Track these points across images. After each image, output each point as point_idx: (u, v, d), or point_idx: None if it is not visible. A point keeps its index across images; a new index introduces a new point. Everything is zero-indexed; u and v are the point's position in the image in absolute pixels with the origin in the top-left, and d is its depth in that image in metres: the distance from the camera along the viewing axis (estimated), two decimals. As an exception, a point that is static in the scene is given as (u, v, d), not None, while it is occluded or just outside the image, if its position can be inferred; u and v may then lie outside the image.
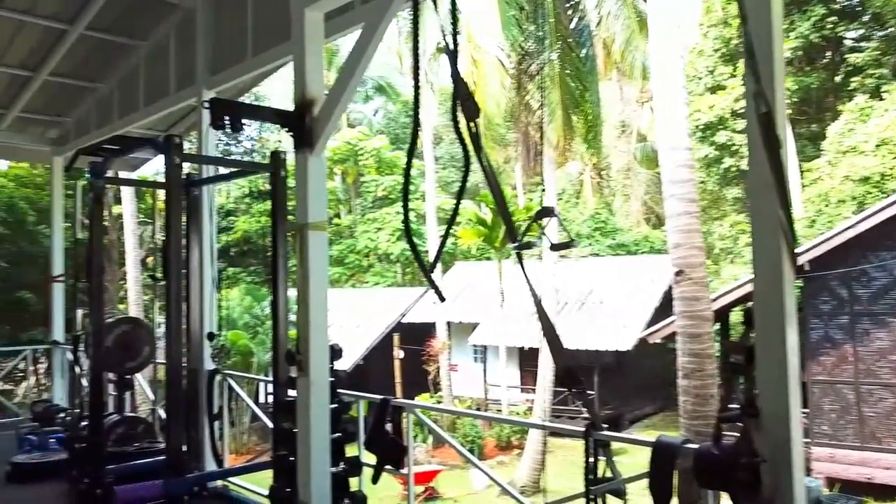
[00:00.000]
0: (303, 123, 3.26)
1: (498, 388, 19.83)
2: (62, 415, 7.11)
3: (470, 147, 2.85)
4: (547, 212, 2.31)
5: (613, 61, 15.08)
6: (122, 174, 9.59)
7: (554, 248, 2.43)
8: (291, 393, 4.04)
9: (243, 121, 3.24)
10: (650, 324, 18.17)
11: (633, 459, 7.88)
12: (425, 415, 4.66)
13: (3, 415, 9.01)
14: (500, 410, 18.86)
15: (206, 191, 5.38)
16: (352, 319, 21.87)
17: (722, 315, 13.54)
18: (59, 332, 8.25)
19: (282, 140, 27.05)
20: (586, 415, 16.84)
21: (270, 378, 5.52)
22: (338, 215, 29.07)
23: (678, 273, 9.18)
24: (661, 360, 20.86)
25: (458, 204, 2.80)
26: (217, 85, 5.54)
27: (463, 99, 2.84)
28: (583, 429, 3.18)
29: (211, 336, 5.29)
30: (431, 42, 18.25)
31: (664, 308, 18.58)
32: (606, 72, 16.85)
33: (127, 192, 20.25)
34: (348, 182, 29.97)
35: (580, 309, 20.59)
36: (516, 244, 2.39)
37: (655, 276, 20.41)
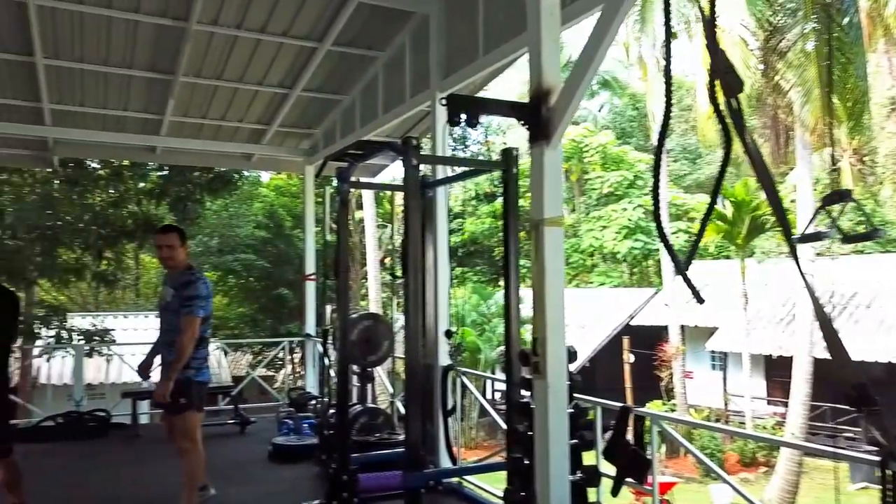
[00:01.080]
0: (539, 115, 3.10)
1: (740, 398, 18.20)
2: (313, 402, 7.75)
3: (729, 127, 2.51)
4: (840, 195, 1.88)
5: (884, 27, 13.02)
6: (364, 180, 10.27)
7: (848, 240, 1.98)
8: (524, 393, 3.92)
9: (474, 118, 3.17)
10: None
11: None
12: (669, 426, 4.27)
13: (266, 399, 10.11)
14: (742, 423, 17.31)
15: (441, 191, 5.49)
16: (576, 320, 21.52)
17: None
18: (311, 326, 9.04)
19: (506, 143, 27.49)
20: (851, 434, 14.79)
21: (499, 376, 5.54)
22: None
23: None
24: (946, 376, 17.71)
25: (716, 189, 2.45)
26: (449, 87, 5.63)
27: (723, 72, 2.49)
28: (877, 458, 2.63)
29: (449, 333, 5.36)
30: (660, 30, 17.33)
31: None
32: (871, 42, 14.64)
33: (367, 198, 21.92)
34: (572, 180, 29.60)
35: (841, 313, 18.18)
36: (799, 236, 1.99)
37: (939, 276, 17.39)
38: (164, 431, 4.73)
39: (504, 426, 4.71)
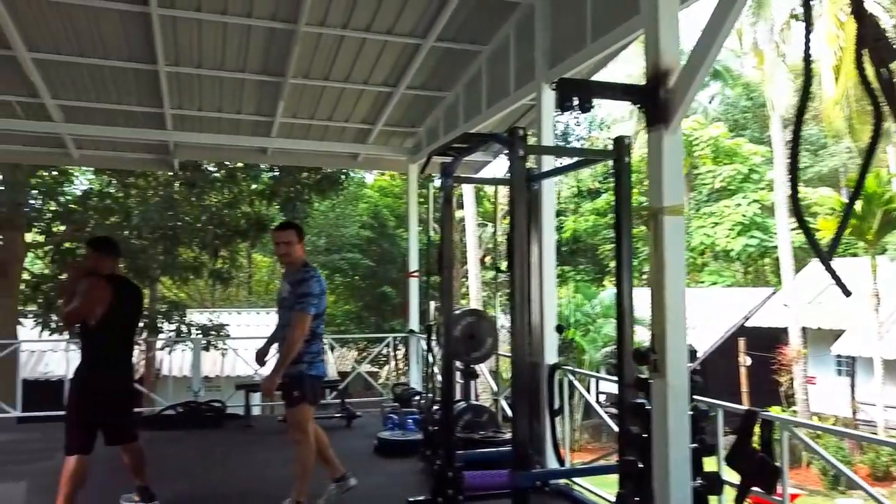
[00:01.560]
0: (656, 97, 2.91)
1: (871, 407, 16.84)
2: (417, 398, 7.79)
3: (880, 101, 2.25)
4: None
5: None
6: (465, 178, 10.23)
7: None
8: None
9: (586, 102, 3.01)
10: None
11: None
12: (802, 432, 3.94)
13: (369, 394, 10.27)
14: (874, 433, 16.03)
15: (547, 184, 5.35)
16: (687, 320, 20.62)
17: None
18: (414, 323, 9.10)
19: (610, 139, 26.79)
20: None
21: (603, 375, 5.35)
22: (669, 211, 27.76)
23: None
24: None
25: (865, 166, 2.20)
26: (555, 77, 5.46)
27: (873, 40, 2.24)
28: None
29: (560, 328, 5.18)
30: (778, 15, 16.36)
31: None
32: None
33: (468, 197, 22.00)
34: (681, 175, 28.52)
35: None
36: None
37: None
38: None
39: (615, 428, 4.51)
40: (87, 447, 4.28)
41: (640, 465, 3.70)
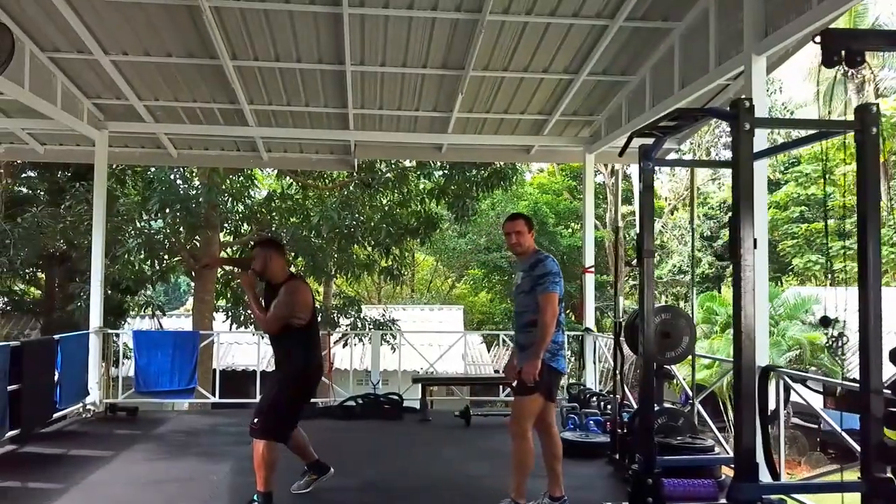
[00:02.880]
0: (947, 45, 2.43)
1: None
2: (594, 399, 7.46)
3: None
4: None
5: None
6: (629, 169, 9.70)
7: None
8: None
9: (858, 55, 2.58)
10: None
11: None
12: None
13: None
14: None
15: (759, 166, 4.83)
16: (891, 325, 18.41)
17: None
18: (590, 321, 8.74)
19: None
20: None
21: (839, 381, 4.76)
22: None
23: None
24: None
25: None
26: (767, 48, 4.95)
27: None
28: None
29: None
30: None
31: None
32: None
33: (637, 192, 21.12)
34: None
35: None
36: None
37: None
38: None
39: (854, 445, 3.97)
40: (283, 436, 4.45)
41: (897, 486, 3.21)
